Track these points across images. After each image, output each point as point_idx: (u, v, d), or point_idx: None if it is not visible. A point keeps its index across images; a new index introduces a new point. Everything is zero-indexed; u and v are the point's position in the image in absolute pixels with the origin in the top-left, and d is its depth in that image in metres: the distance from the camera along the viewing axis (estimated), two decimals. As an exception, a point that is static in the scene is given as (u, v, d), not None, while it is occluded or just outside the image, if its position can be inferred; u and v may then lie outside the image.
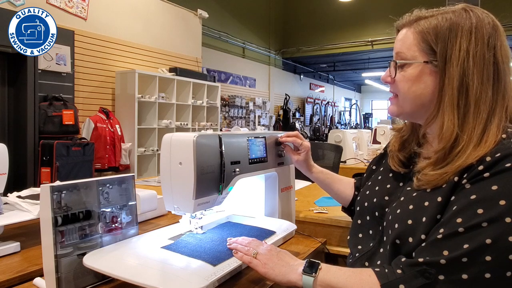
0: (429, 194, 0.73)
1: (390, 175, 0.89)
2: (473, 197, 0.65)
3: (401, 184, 0.85)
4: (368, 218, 0.89)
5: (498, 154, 0.66)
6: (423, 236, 0.70)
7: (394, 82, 0.81)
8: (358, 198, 0.96)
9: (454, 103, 0.72)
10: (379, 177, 0.92)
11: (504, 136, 0.69)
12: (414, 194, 0.77)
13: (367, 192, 0.92)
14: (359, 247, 0.88)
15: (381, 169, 0.96)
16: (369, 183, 0.95)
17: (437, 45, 0.73)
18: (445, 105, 0.73)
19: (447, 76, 0.72)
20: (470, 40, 0.71)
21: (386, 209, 0.84)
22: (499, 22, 0.75)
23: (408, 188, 0.80)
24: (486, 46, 0.71)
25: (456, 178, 0.69)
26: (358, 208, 0.93)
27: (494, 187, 0.64)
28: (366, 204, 0.90)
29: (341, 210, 1.15)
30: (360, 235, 0.89)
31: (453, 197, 0.68)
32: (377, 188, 0.90)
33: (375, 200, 0.88)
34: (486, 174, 0.65)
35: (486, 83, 0.71)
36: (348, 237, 0.94)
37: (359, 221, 0.92)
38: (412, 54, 0.76)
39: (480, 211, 0.63)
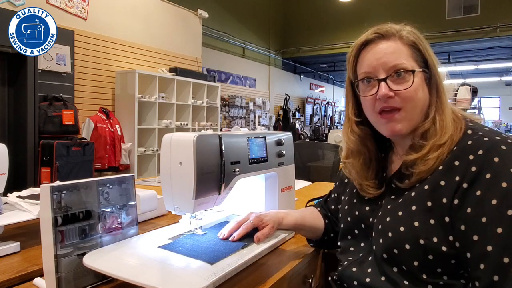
0: (415, 198, 0.76)
1: None
2: (494, 202, 0.67)
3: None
4: (356, 231, 0.90)
5: (481, 152, 0.70)
6: (421, 241, 0.71)
7: (395, 96, 0.80)
8: (340, 215, 0.97)
9: (443, 100, 0.81)
10: (354, 190, 0.93)
11: (470, 132, 0.76)
12: (400, 200, 0.79)
13: (346, 207, 0.94)
14: (350, 258, 0.89)
15: None
16: (346, 198, 0.96)
17: (426, 53, 0.83)
18: (443, 104, 0.81)
19: (433, 80, 0.82)
20: (429, 48, 0.84)
21: (371, 219, 0.86)
22: None
23: (392, 197, 0.82)
24: (432, 52, 0.85)
25: (442, 182, 0.73)
26: (342, 226, 0.94)
27: (504, 184, 0.67)
28: (349, 219, 0.92)
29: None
30: (352, 249, 0.90)
31: (469, 209, 0.69)
32: (355, 201, 0.92)
33: (357, 213, 0.90)
34: (488, 175, 0.68)
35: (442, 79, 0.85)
36: (339, 250, 0.95)
37: (349, 237, 0.92)
38: (411, 64, 0.81)
39: (510, 212, 0.66)
